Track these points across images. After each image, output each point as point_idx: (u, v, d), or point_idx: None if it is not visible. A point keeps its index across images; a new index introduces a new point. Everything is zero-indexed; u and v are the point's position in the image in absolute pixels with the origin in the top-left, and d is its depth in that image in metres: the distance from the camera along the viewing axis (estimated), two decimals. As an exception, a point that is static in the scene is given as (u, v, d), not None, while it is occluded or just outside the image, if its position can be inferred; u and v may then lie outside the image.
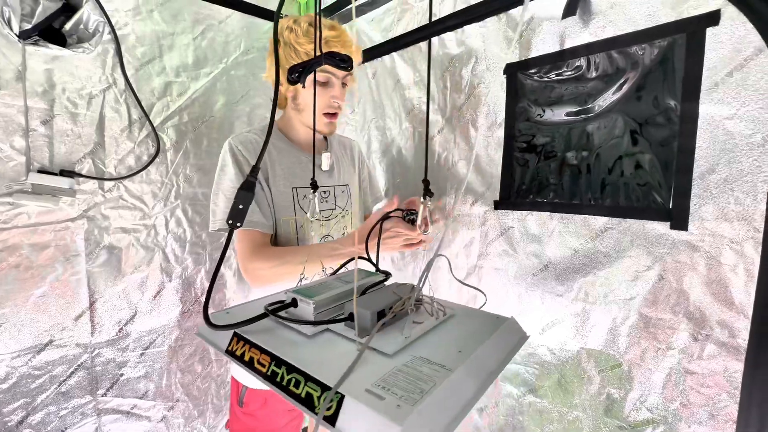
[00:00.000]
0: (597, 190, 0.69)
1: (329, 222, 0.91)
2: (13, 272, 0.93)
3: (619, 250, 0.67)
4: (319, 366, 0.39)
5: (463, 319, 0.54)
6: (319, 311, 0.49)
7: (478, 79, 0.86)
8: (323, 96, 0.80)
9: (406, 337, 0.45)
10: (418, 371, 0.39)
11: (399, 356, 0.42)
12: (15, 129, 0.90)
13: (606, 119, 0.68)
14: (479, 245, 0.89)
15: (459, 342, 0.47)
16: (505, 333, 0.51)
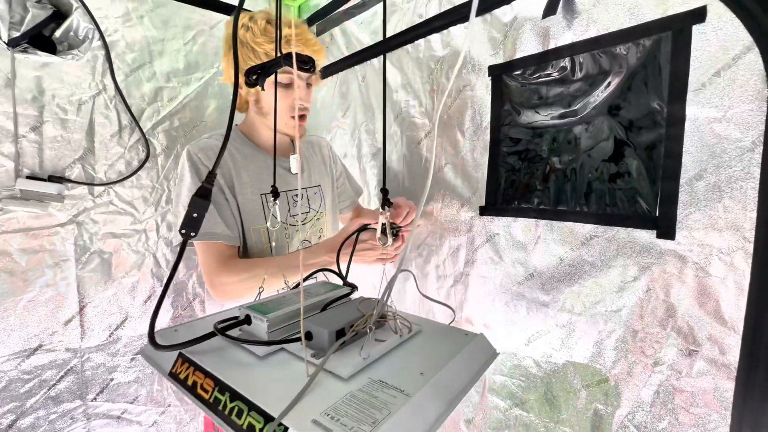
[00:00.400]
0: (582, 196, 0.66)
1: (305, 226, 0.89)
2: (2, 276, 0.94)
3: (604, 260, 0.63)
4: (266, 392, 0.37)
5: (430, 336, 0.51)
6: (273, 329, 0.47)
7: (464, 81, 0.84)
8: (287, 98, 0.78)
9: (364, 358, 0.42)
10: (374, 397, 0.37)
11: (355, 380, 0.40)
12: (4, 135, 0.91)
13: (591, 122, 0.65)
14: (465, 252, 0.87)
15: (423, 361, 0.44)
16: (473, 350, 0.48)
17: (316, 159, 0.97)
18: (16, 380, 0.97)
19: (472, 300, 0.86)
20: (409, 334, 0.50)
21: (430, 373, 0.41)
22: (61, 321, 1.02)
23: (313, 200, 0.91)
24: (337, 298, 0.56)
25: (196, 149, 0.77)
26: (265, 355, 0.44)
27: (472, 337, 0.51)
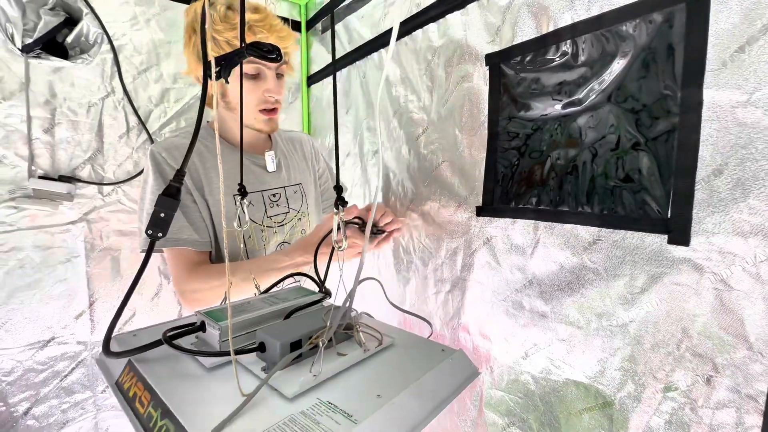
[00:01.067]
0: (585, 196, 0.59)
1: (284, 227, 0.86)
2: (18, 272, 0.98)
3: (609, 267, 0.56)
4: (200, 410, 0.34)
5: (402, 351, 0.47)
6: (226, 338, 0.44)
7: (462, 72, 0.78)
8: (255, 90, 0.74)
9: (314, 375, 0.38)
10: (316, 422, 0.33)
11: (300, 400, 0.36)
12: (19, 137, 0.95)
13: (596, 112, 0.58)
14: (463, 255, 0.81)
15: (386, 381, 0.40)
16: (448, 369, 0.43)
17: (296, 156, 0.93)
18: (31, 370, 1.02)
19: (469, 307, 0.80)
20: (377, 348, 0.46)
21: (389, 396, 0.36)
22: (73, 315, 1.06)
23: (293, 200, 0.87)
24: (304, 306, 0.53)
25: (160, 149, 0.74)
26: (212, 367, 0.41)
27: (450, 354, 0.46)
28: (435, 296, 0.90)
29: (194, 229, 0.72)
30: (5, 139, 0.93)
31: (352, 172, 1.19)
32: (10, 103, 0.93)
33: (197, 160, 0.74)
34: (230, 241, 0.76)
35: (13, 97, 0.94)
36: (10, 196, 0.95)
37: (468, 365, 0.45)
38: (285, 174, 0.86)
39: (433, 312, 0.91)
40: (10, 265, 0.97)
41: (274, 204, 0.83)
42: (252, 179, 0.80)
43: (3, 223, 0.95)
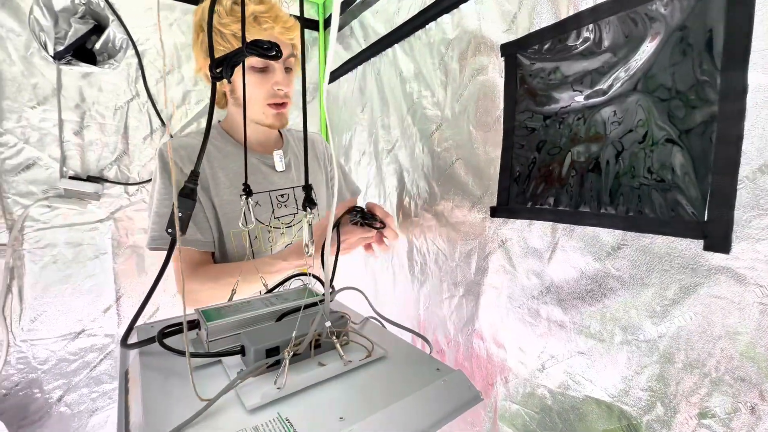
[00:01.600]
0: (608, 195, 0.53)
1: (291, 228, 0.84)
2: (52, 267, 1.04)
3: (635, 276, 0.50)
4: (162, 415, 0.33)
5: (392, 366, 0.44)
6: (214, 338, 0.43)
7: (476, 65, 0.74)
8: (264, 84, 0.72)
9: (279, 387, 0.36)
10: None
11: (260, 413, 0.34)
12: (52, 140, 1.01)
13: (621, 103, 0.52)
14: (477, 258, 0.77)
15: (361, 399, 0.37)
16: (440, 392, 0.40)
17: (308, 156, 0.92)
18: (64, 360, 1.08)
19: (483, 313, 0.76)
20: (363, 360, 0.43)
21: (353, 419, 0.34)
22: (101, 309, 1.11)
23: (302, 200, 0.86)
24: (299, 308, 0.51)
25: (167, 148, 0.74)
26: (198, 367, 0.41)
27: (446, 373, 0.42)
28: (449, 300, 0.86)
29: (198, 229, 0.73)
30: (39, 141, 0.99)
31: (367, 171, 1.17)
32: (43, 108, 0.99)
33: (204, 160, 0.74)
34: (237, 242, 0.76)
35: (46, 102, 0.99)
36: (44, 195, 1.00)
37: (467, 388, 0.41)
38: (294, 174, 0.85)
39: (447, 317, 0.87)
40: (45, 261, 1.03)
41: (282, 205, 0.81)
42: (260, 179, 0.79)
43: (38, 221, 1.01)
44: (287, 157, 0.84)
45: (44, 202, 1.00)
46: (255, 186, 0.79)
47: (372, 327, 0.55)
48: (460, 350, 0.83)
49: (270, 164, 0.81)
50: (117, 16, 1.04)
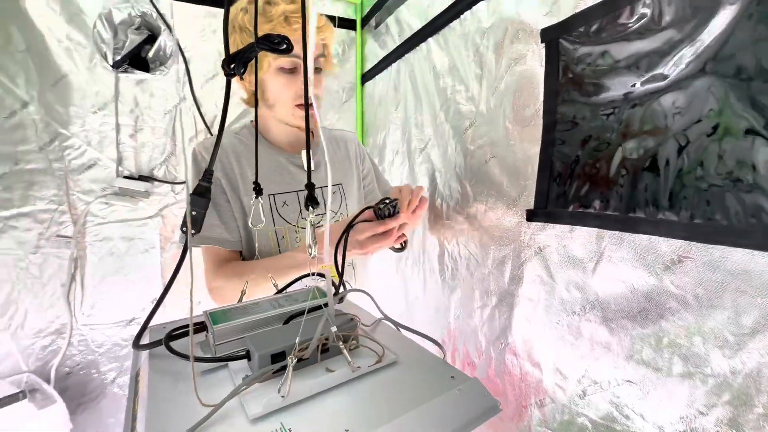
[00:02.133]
0: (667, 198, 0.45)
1: (320, 229, 0.83)
2: (108, 259, 1.13)
3: (701, 296, 0.42)
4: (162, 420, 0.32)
5: (402, 372, 0.40)
6: (220, 342, 0.43)
7: (514, 54, 0.68)
8: (292, 85, 0.71)
9: (282, 396, 0.34)
10: None
11: (263, 423, 0.32)
12: (110, 142, 1.10)
13: (686, 88, 0.44)
14: (511, 266, 0.70)
15: (368, 409, 0.34)
16: (454, 402, 0.36)
17: (339, 155, 0.90)
18: (117, 344, 1.17)
19: (517, 327, 0.69)
20: (372, 366, 0.40)
21: (361, 430, 0.31)
22: (149, 299, 1.19)
23: (331, 200, 0.85)
24: (309, 309, 0.49)
25: (201, 148, 0.76)
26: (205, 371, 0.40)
27: (462, 381, 0.38)
28: (480, 310, 0.80)
29: (225, 228, 0.74)
30: (99, 144, 1.08)
31: (400, 171, 1.14)
32: (103, 113, 1.08)
33: (234, 160, 0.76)
34: (264, 242, 0.77)
35: (106, 107, 1.08)
36: (102, 193, 1.10)
37: (483, 398, 0.37)
38: (324, 173, 0.84)
39: (478, 327, 0.81)
40: (103, 253, 1.12)
41: None
42: (288, 179, 0.79)
43: (97, 216, 1.10)
44: (317, 156, 0.83)
45: (102, 199, 1.10)
46: (282, 186, 0.79)
47: (384, 329, 0.51)
48: (491, 365, 0.77)
49: (299, 164, 0.81)
50: (168, 25, 1.11)
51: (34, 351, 1.07)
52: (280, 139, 0.81)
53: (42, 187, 1.04)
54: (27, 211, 1.03)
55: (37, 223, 1.05)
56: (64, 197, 1.06)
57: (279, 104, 0.74)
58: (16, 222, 1.02)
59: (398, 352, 0.43)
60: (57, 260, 1.08)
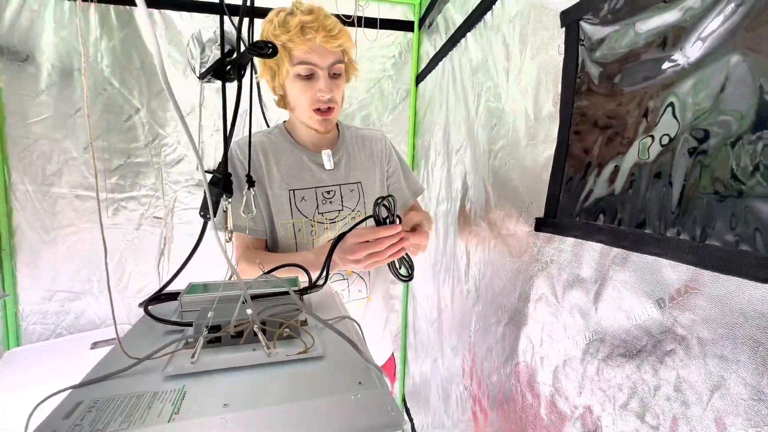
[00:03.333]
0: (674, 211, 0.35)
1: (336, 224, 0.85)
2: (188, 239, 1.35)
3: (705, 340, 0.32)
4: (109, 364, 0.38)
5: (319, 368, 0.39)
6: (188, 309, 0.48)
7: (537, 42, 0.60)
8: (308, 91, 0.74)
9: (192, 362, 0.37)
10: (148, 406, 0.31)
11: (172, 382, 0.35)
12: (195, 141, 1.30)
13: (709, 69, 0.34)
14: (521, 281, 0.62)
15: (258, 392, 0.34)
16: (346, 406, 0.33)
17: (362, 154, 0.90)
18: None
19: (522, 350, 0.61)
20: (291, 356, 0.40)
21: (236, 408, 0.32)
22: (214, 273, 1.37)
23: (348, 198, 0.86)
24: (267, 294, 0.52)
25: (236, 145, 0.85)
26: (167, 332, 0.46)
27: (363, 390, 0.36)
28: (495, 326, 0.73)
29: (251, 218, 0.82)
30: (187, 143, 1.30)
31: (440, 173, 1.10)
32: (190, 117, 1.29)
33: (262, 157, 0.83)
34: (283, 233, 0.83)
35: (193, 112, 1.29)
36: (187, 183, 1.31)
37: (384, 411, 0.34)
38: (343, 172, 0.86)
39: (493, 345, 0.74)
40: (184, 233, 1.34)
41: (327, 201, 0.84)
42: (308, 176, 0.84)
43: (182, 203, 1.32)
44: (338, 155, 0.86)
45: (187, 189, 1.31)
46: (302, 182, 0.84)
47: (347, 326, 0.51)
48: (501, 388, 0.69)
49: (319, 162, 0.85)
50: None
51: (133, 307, 1.34)
52: (304, 138, 0.86)
53: (145, 177, 1.29)
54: (134, 195, 1.30)
55: (140, 205, 1.30)
56: (159, 185, 1.31)
57: (298, 108, 0.79)
58: (126, 204, 1.29)
59: (334, 351, 0.42)
60: (152, 236, 1.33)
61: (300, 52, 0.72)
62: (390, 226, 0.67)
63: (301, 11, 0.72)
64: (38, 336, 1.29)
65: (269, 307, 0.48)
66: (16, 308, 1.26)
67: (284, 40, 0.71)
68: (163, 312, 0.50)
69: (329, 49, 0.74)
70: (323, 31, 0.71)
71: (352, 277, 0.90)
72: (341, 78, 0.79)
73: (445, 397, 1.05)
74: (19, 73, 1.17)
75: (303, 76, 0.74)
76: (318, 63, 0.73)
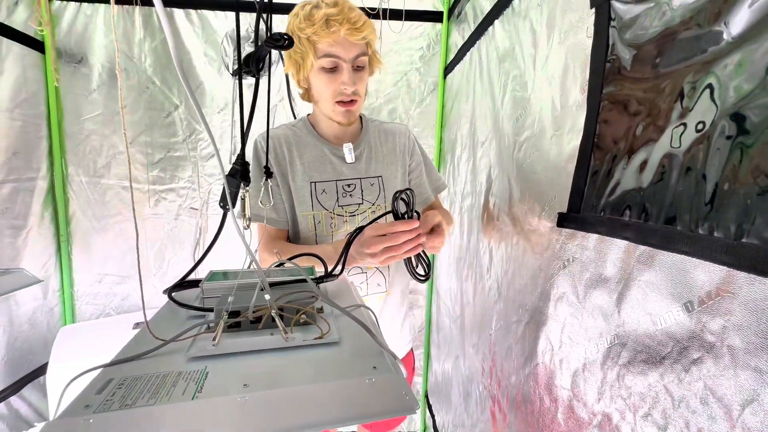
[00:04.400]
0: (708, 205, 0.32)
1: (355, 217, 0.84)
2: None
3: (736, 349, 0.28)
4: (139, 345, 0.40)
5: (334, 353, 0.39)
6: (206, 296, 0.50)
7: (565, 26, 0.57)
8: (331, 84, 0.74)
9: (214, 345, 0.39)
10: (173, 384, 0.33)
11: (195, 363, 0.37)
12: (227, 136, 1.36)
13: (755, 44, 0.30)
14: (542, 279, 0.59)
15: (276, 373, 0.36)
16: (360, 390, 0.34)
17: (384, 148, 0.89)
18: (223, 299, 1.45)
19: (541, 351, 0.58)
20: (308, 341, 0.40)
21: (255, 389, 0.33)
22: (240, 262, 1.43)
23: (369, 191, 0.85)
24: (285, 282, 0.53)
25: (260, 137, 0.86)
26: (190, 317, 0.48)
27: (378, 374, 0.36)
28: (516, 325, 0.70)
29: (274, 209, 0.84)
30: (220, 137, 1.36)
31: (466, 166, 1.07)
32: (224, 112, 1.34)
33: (286, 150, 0.85)
34: (304, 224, 0.84)
35: (226, 108, 1.35)
36: (220, 176, 1.37)
37: (397, 397, 0.33)
38: (364, 166, 0.86)
39: (513, 345, 0.71)
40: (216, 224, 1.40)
41: (347, 194, 0.84)
42: (329, 169, 0.84)
43: (216, 195, 1.39)
44: (360, 148, 0.86)
45: (220, 181, 1.37)
46: (323, 175, 0.85)
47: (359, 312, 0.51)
48: (520, 390, 0.67)
49: (340, 155, 0.85)
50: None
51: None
52: (327, 131, 0.87)
53: (183, 170, 1.37)
54: (173, 187, 1.38)
55: (179, 197, 1.38)
56: (195, 178, 1.38)
57: (322, 100, 0.79)
58: (166, 195, 1.38)
59: (349, 337, 0.43)
60: (189, 226, 1.41)
61: (324, 44, 0.73)
62: (407, 221, 0.66)
63: (326, 4, 0.72)
64: (89, 315, 1.41)
65: (287, 294, 0.49)
66: (72, 289, 1.39)
67: (309, 33, 0.72)
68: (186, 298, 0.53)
69: (353, 42, 0.74)
70: (347, 24, 0.71)
71: (371, 271, 0.90)
72: (365, 71, 0.78)
73: (465, 395, 1.03)
74: (74, 74, 1.28)
75: (327, 69, 0.74)
76: (342, 55, 0.73)
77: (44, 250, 1.30)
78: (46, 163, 1.28)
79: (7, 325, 1.17)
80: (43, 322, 1.31)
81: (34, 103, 1.22)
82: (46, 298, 1.32)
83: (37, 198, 1.25)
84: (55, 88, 1.25)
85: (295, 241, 0.88)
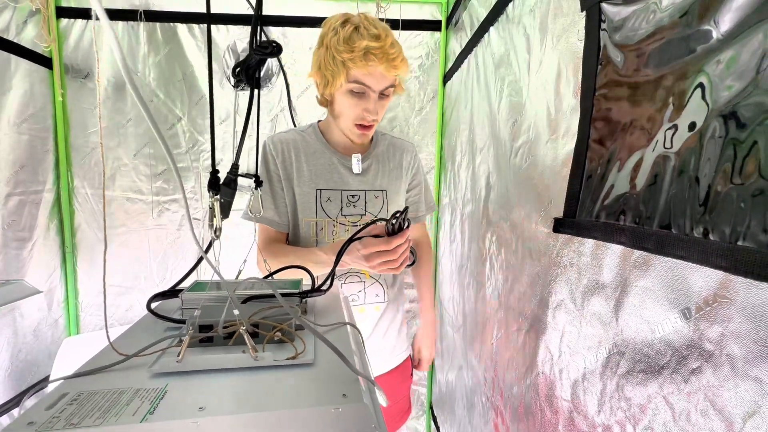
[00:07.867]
0: (702, 207, 0.31)
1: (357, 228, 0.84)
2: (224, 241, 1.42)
3: (735, 357, 0.27)
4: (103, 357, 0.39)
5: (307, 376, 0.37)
6: (188, 307, 0.49)
7: (557, 30, 0.56)
8: (357, 107, 0.75)
9: (178, 361, 0.37)
10: (127, 402, 0.31)
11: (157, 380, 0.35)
12: (229, 147, 1.37)
13: (745, 39, 0.29)
14: (541, 286, 0.58)
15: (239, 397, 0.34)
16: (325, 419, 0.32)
17: (391, 163, 0.90)
18: (225, 309, 1.45)
19: (542, 361, 0.57)
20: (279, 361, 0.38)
21: (212, 413, 0.31)
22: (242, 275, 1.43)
23: (372, 204, 0.86)
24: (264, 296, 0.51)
25: (269, 141, 0.87)
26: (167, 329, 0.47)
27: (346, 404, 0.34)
28: (516, 334, 0.68)
29: (276, 212, 0.85)
30: (222, 148, 1.37)
31: (466, 173, 1.07)
32: (225, 123, 1.36)
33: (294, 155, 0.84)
34: (306, 230, 0.85)
35: (228, 119, 1.36)
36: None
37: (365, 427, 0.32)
38: (370, 178, 0.86)
39: (513, 354, 0.69)
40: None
41: (351, 204, 0.85)
42: (336, 178, 0.85)
43: (218, 205, 1.40)
44: (368, 161, 0.87)
45: (221, 192, 1.38)
46: (329, 184, 0.85)
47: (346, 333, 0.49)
48: (522, 401, 0.65)
49: (348, 165, 0.85)
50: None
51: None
52: (337, 141, 0.87)
53: (186, 180, 1.38)
54: (176, 198, 1.39)
55: (181, 207, 1.39)
56: (197, 189, 1.39)
57: (342, 118, 0.79)
58: (169, 206, 1.39)
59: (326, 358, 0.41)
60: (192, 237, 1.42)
61: (358, 73, 0.72)
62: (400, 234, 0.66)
63: (369, 34, 0.70)
64: (94, 326, 1.42)
65: (267, 308, 0.48)
66: (77, 300, 1.40)
67: (345, 58, 0.70)
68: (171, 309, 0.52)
69: (386, 76, 0.73)
70: (386, 62, 0.71)
71: (369, 281, 0.89)
72: (388, 98, 0.78)
73: (469, 406, 1.00)
74: (80, 89, 1.31)
75: (355, 93, 0.74)
76: (373, 86, 0.73)
77: (50, 261, 1.31)
78: (52, 175, 1.31)
79: (12, 337, 1.18)
80: (48, 334, 1.32)
81: (41, 117, 1.25)
82: (51, 309, 1.33)
83: (43, 210, 1.27)
84: (61, 102, 1.28)
85: (294, 244, 0.88)
